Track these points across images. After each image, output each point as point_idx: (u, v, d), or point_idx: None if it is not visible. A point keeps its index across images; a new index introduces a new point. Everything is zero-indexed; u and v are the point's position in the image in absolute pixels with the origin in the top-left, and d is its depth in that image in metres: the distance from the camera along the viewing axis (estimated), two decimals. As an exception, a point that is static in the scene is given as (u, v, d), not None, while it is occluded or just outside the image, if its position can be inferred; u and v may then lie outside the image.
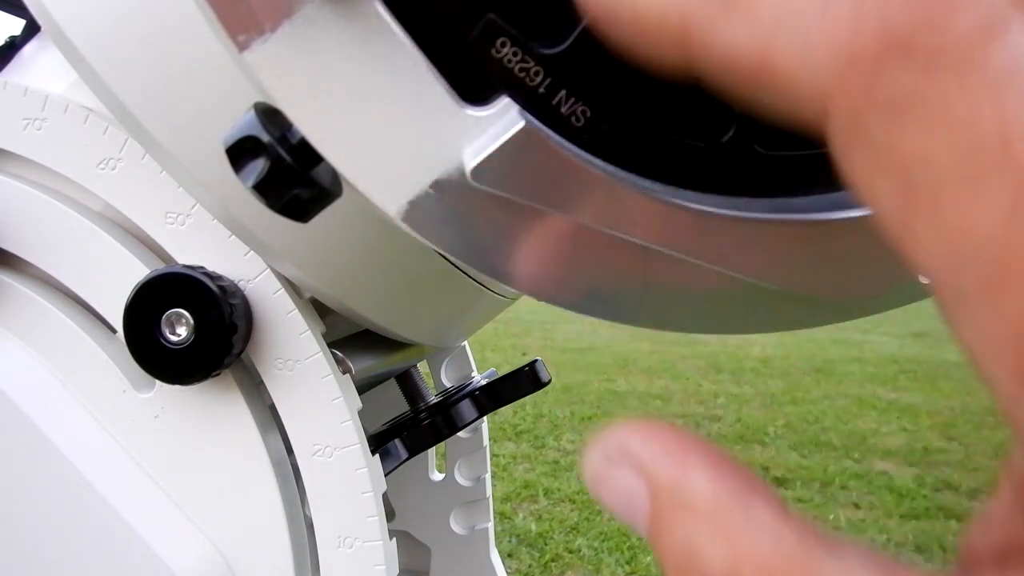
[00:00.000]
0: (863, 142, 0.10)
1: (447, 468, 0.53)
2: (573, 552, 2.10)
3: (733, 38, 0.11)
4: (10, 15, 0.40)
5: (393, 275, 0.33)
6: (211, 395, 0.30)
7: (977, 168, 0.09)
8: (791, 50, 0.11)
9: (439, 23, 0.17)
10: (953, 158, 0.09)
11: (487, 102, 0.17)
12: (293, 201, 0.19)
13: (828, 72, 0.10)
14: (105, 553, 0.30)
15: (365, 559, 0.30)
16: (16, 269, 0.31)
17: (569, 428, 3.15)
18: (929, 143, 0.09)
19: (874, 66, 0.10)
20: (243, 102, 0.19)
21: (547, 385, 0.45)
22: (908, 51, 0.10)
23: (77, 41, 0.27)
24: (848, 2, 0.10)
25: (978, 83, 0.09)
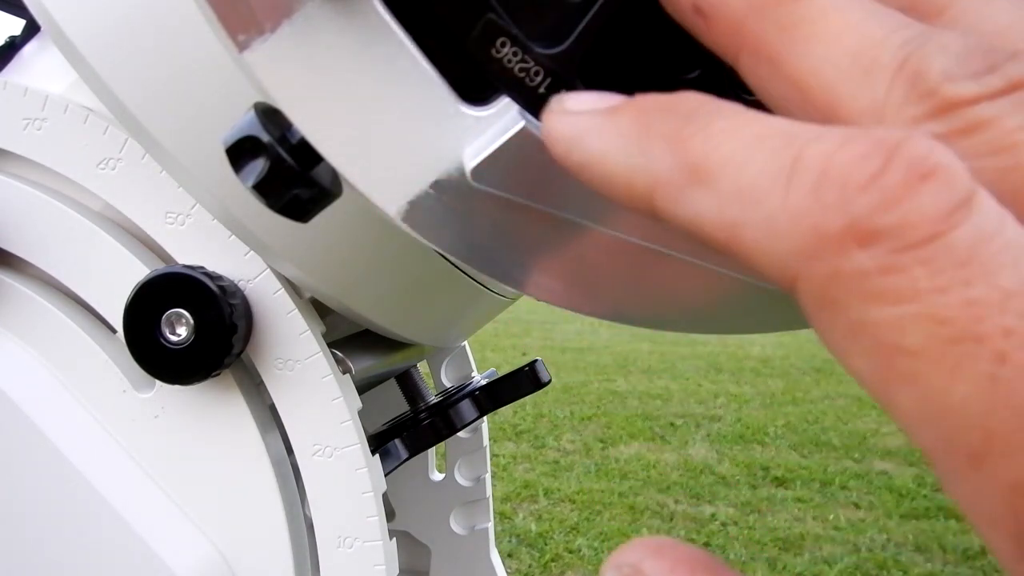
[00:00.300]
0: (833, 319, 0.10)
1: (447, 468, 0.53)
2: (573, 552, 2.10)
3: (698, 212, 0.12)
4: (10, 15, 0.40)
5: (393, 275, 0.33)
6: (211, 395, 0.30)
7: (951, 344, 0.09)
8: (756, 229, 0.11)
9: (439, 23, 0.17)
10: (927, 336, 0.10)
11: (487, 102, 0.17)
12: (293, 201, 0.19)
13: (794, 253, 0.10)
14: (105, 553, 0.30)
15: (365, 559, 0.30)
16: (16, 269, 0.31)
17: (569, 428, 3.15)
18: (902, 322, 0.10)
19: (840, 250, 0.10)
20: (243, 102, 0.19)
21: (547, 385, 0.45)
22: (873, 237, 0.10)
23: (77, 41, 0.27)
24: (809, 184, 0.10)
25: (944, 265, 0.10)
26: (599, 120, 0.13)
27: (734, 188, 0.11)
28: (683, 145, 0.12)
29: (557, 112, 0.14)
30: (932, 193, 0.10)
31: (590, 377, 4.09)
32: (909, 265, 0.10)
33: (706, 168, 0.12)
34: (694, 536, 2.21)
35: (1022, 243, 0.10)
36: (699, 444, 3.00)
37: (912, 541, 2.25)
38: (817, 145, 0.11)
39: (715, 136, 0.12)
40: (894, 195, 0.10)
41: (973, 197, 0.10)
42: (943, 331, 0.10)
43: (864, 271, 0.10)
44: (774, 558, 2.11)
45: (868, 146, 0.10)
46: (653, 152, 0.12)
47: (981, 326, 0.09)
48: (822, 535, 2.25)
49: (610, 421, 3.26)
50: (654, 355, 4.84)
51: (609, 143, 0.13)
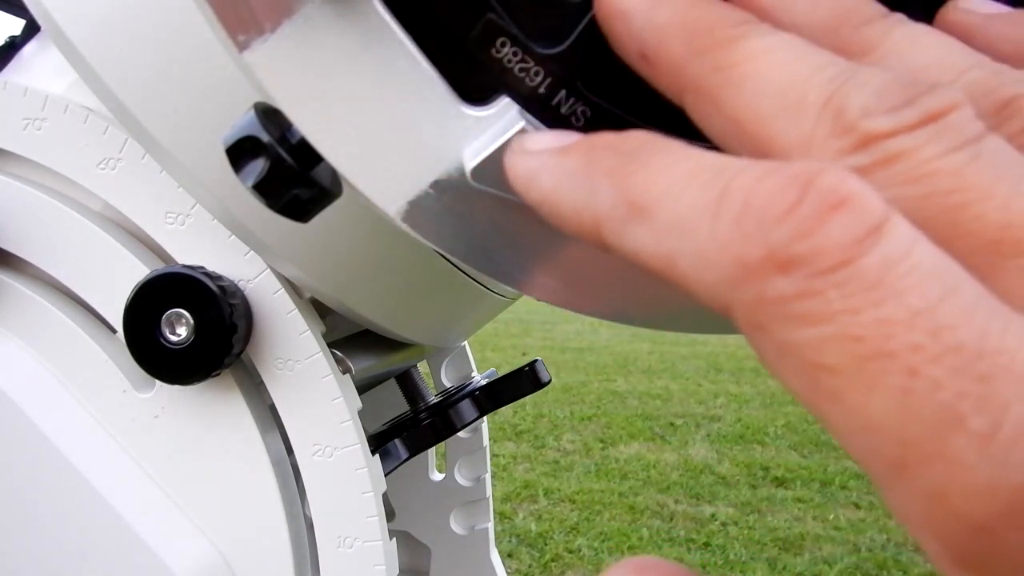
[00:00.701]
0: (764, 341, 0.11)
1: (447, 468, 0.53)
2: (573, 552, 2.10)
3: (638, 244, 0.13)
4: (10, 15, 0.40)
5: (393, 275, 0.33)
6: (211, 395, 0.30)
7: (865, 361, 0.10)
8: (689, 260, 0.12)
9: (439, 23, 0.17)
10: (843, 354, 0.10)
11: (487, 102, 0.17)
12: (293, 201, 0.19)
13: (723, 281, 0.11)
14: (105, 553, 0.30)
15: (365, 559, 0.30)
16: (16, 269, 0.31)
17: (569, 428, 3.15)
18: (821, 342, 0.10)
19: (761, 278, 0.11)
20: (243, 102, 0.19)
21: (547, 385, 0.45)
22: (790, 264, 0.11)
23: (77, 41, 0.27)
24: (732, 216, 0.11)
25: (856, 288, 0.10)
26: (551, 159, 0.15)
27: (668, 221, 0.12)
28: (624, 182, 0.13)
29: (517, 152, 0.16)
30: (842, 221, 0.10)
31: (590, 377, 4.09)
32: (824, 289, 0.10)
33: (644, 203, 0.12)
34: (694, 536, 2.21)
35: (930, 264, 0.10)
36: (699, 444, 3.00)
37: (912, 541, 2.24)
38: (741, 178, 0.11)
39: (652, 173, 0.13)
40: (808, 225, 0.11)
41: (884, 224, 0.10)
42: (858, 349, 0.10)
43: (784, 296, 0.11)
44: (774, 558, 2.11)
45: (785, 179, 0.11)
46: (597, 189, 0.13)
47: (892, 343, 0.10)
48: (822, 535, 2.25)
49: (610, 421, 3.26)
50: (654, 355, 4.84)
51: (559, 181, 0.14)
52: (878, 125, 0.12)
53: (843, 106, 0.12)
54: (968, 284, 0.10)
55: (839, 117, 0.12)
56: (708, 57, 0.14)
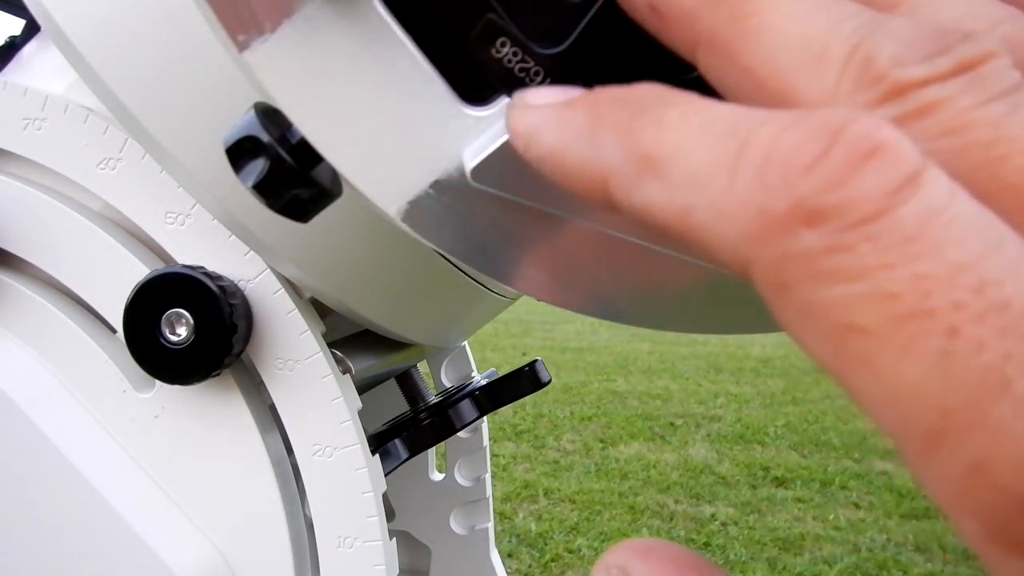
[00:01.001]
0: (786, 302, 0.10)
1: (447, 468, 0.53)
2: (573, 552, 2.10)
3: (650, 200, 0.12)
4: (10, 15, 0.40)
5: (393, 275, 0.33)
6: (211, 395, 0.30)
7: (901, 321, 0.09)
8: (706, 215, 0.11)
9: (439, 23, 0.17)
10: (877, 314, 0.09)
11: (487, 102, 0.17)
12: (293, 201, 0.19)
13: (744, 237, 0.10)
14: (105, 553, 0.30)
15: (365, 559, 0.30)
16: (16, 269, 0.31)
17: (569, 428, 3.15)
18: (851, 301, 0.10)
19: (786, 232, 0.10)
20: (243, 102, 0.19)
21: (547, 385, 0.45)
22: (818, 217, 0.10)
23: (77, 41, 0.27)
24: (753, 168, 0.10)
25: (891, 242, 0.09)
26: (554, 114, 0.14)
27: (683, 175, 0.11)
28: (633, 136, 0.12)
29: (518, 107, 0.15)
30: (877, 171, 0.10)
31: (590, 377, 4.09)
32: (856, 243, 0.10)
33: (656, 157, 0.12)
34: (694, 536, 2.21)
35: (972, 217, 0.10)
36: (699, 444, 3.00)
37: (912, 541, 2.25)
38: (762, 129, 0.11)
39: (665, 126, 0.12)
40: (838, 175, 0.10)
41: (921, 174, 0.10)
42: (893, 308, 0.09)
43: (811, 251, 0.10)
44: (774, 558, 2.11)
45: (812, 128, 0.10)
46: (605, 144, 0.12)
47: (931, 301, 0.09)
48: (822, 535, 2.25)
49: (610, 421, 3.26)
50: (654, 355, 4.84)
51: (563, 136, 0.13)
52: (910, 74, 0.11)
53: (871, 55, 0.11)
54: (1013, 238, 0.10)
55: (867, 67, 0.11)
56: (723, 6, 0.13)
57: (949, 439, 0.09)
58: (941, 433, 0.09)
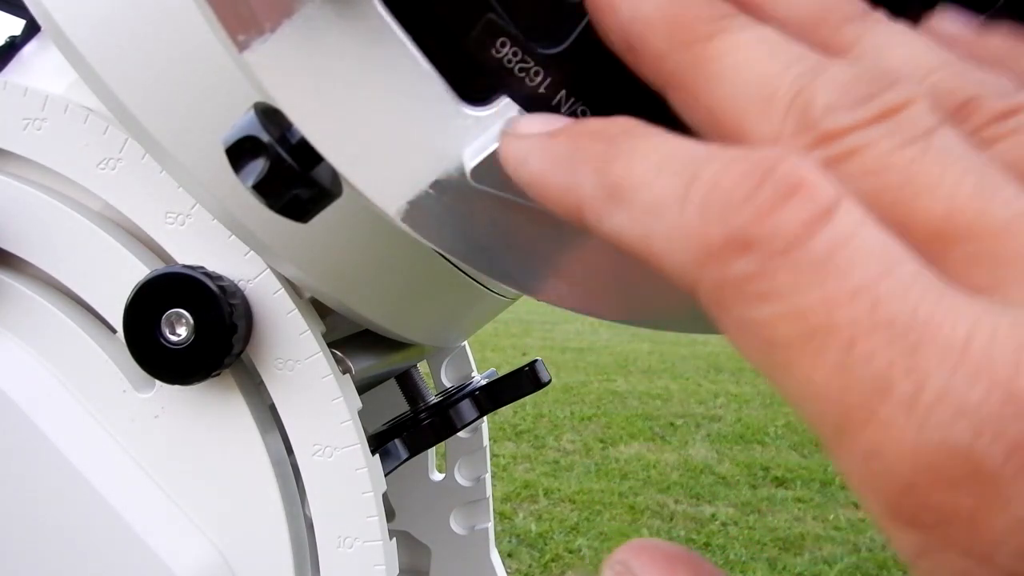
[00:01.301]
0: (726, 319, 0.12)
1: (447, 468, 0.53)
2: (573, 552, 2.10)
3: (617, 225, 0.14)
4: (10, 15, 0.40)
5: (393, 275, 0.33)
6: (211, 395, 0.30)
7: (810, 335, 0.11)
8: (662, 241, 0.13)
9: (439, 23, 0.17)
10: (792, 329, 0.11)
11: (487, 102, 0.17)
12: (293, 201, 0.19)
13: (691, 262, 0.12)
14: (105, 553, 0.30)
15: (365, 559, 0.30)
16: (16, 269, 0.31)
17: (569, 428, 3.15)
18: (774, 319, 0.11)
19: (723, 259, 0.12)
20: (243, 102, 0.19)
21: (547, 385, 0.45)
22: (747, 246, 0.12)
23: (77, 41, 0.27)
24: (700, 197, 0.12)
25: (804, 268, 0.11)
26: (540, 143, 0.16)
27: (644, 205, 0.13)
28: (604, 168, 0.14)
29: (509, 135, 0.16)
30: (795, 206, 0.11)
31: (590, 377, 4.09)
32: (777, 270, 0.11)
33: (622, 188, 0.13)
34: (694, 536, 2.21)
35: (872, 245, 0.11)
36: (699, 444, 3.00)
37: (912, 541, 2.24)
38: (709, 166, 0.12)
39: (631, 160, 0.14)
40: (764, 210, 0.12)
41: (834, 208, 0.11)
42: (804, 324, 0.11)
43: (742, 276, 0.12)
44: (774, 558, 2.11)
45: (749, 166, 0.12)
46: (580, 173, 0.14)
47: (833, 317, 0.11)
48: (822, 535, 2.25)
49: (610, 421, 3.26)
50: (654, 355, 4.84)
51: (546, 164, 0.15)
52: (837, 121, 0.13)
53: (808, 102, 0.13)
54: (908, 263, 0.11)
55: (804, 113, 0.13)
56: (688, 51, 0.15)
57: (849, 432, 0.11)
58: (844, 427, 0.11)
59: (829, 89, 0.13)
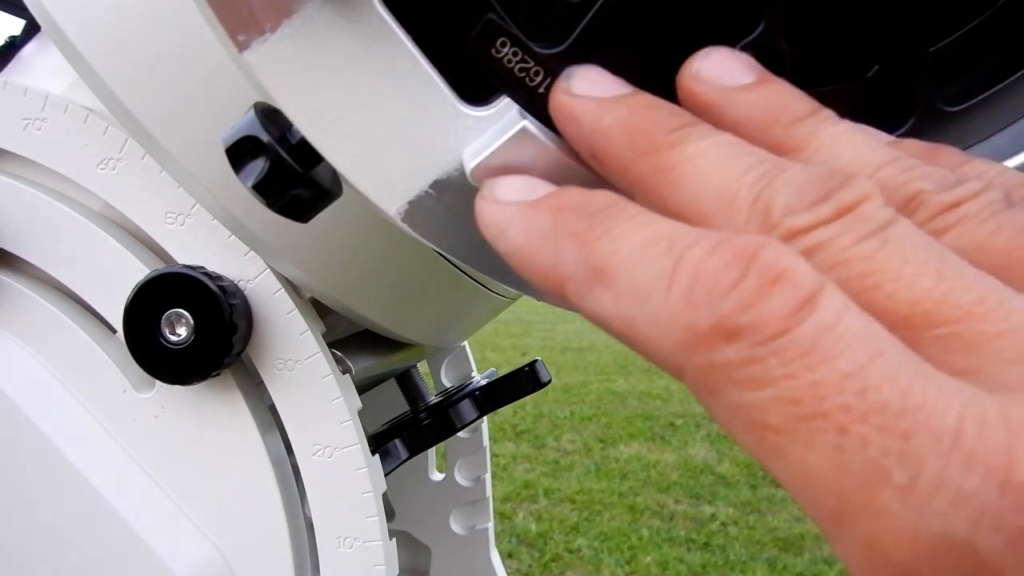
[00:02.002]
0: (715, 403, 0.12)
1: (447, 468, 0.53)
2: (573, 552, 2.10)
3: (600, 306, 0.14)
4: (10, 15, 0.40)
5: (393, 275, 0.33)
6: (211, 395, 0.30)
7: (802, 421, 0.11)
8: (646, 326, 0.13)
9: (439, 23, 0.17)
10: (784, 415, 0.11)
11: (487, 102, 0.17)
12: (293, 201, 0.19)
13: (677, 347, 0.12)
14: (105, 553, 0.30)
15: (365, 559, 0.30)
16: (16, 269, 0.31)
17: (569, 428, 3.15)
18: (764, 404, 0.12)
19: (710, 346, 0.12)
20: (243, 102, 0.19)
21: (547, 385, 0.45)
22: (735, 334, 0.12)
23: (77, 41, 0.27)
24: (684, 284, 0.12)
25: (793, 355, 0.11)
26: (520, 213, 0.15)
27: (627, 288, 0.13)
28: (587, 247, 0.14)
29: (488, 199, 0.16)
30: (780, 294, 0.12)
31: (590, 377, 4.09)
32: (766, 356, 0.12)
33: (605, 269, 0.14)
34: (694, 536, 2.21)
35: (858, 330, 0.11)
36: (699, 444, 3.00)
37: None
38: (693, 250, 0.13)
39: (614, 239, 0.14)
40: (750, 297, 0.12)
41: (817, 295, 0.12)
42: (795, 410, 0.11)
43: (731, 363, 0.12)
44: (774, 558, 2.11)
45: (732, 253, 0.12)
46: (563, 250, 0.14)
47: (824, 404, 0.11)
48: (822, 535, 2.25)
49: (610, 421, 3.26)
50: (654, 355, 4.84)
51: (527, 237, 0.15)
52: (798, 221, 0.13)
53: (768, 204, 0.14)
54: (893, 347, 0.11)
55: (766, 215, 0.14)
56: (649, 159, 0.15)
57: (846, 519, 0.11)
58: (841, 514, 0.11)
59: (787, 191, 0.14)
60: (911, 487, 0.10)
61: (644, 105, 0.16)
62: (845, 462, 0.11)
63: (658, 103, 0.16)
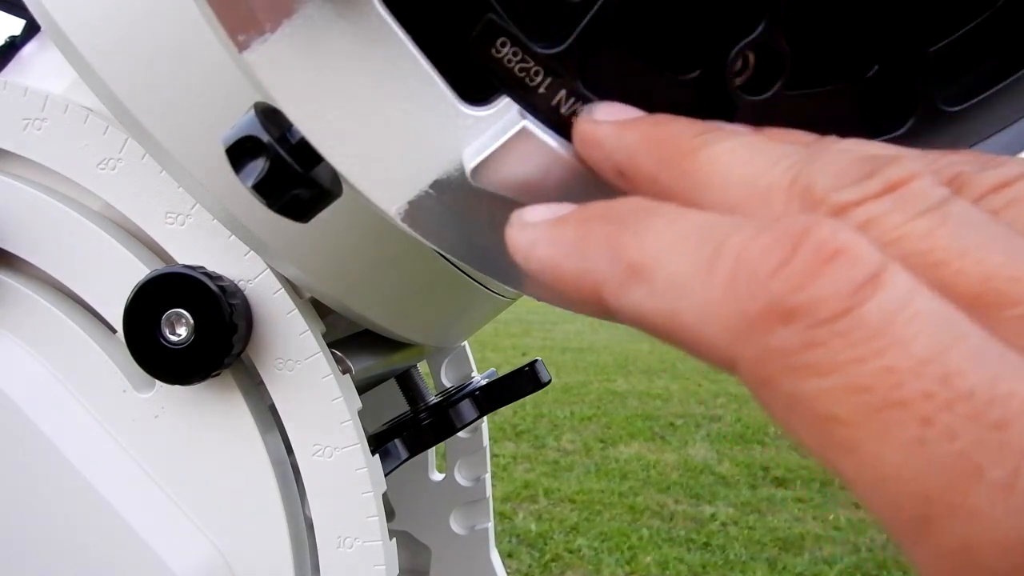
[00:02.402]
0: (771, 394, 0.11)
1: (447, 468, 0.53)
2: (573, 552, 2.10)
3: (639, 304, 0.13)
4: (10, 15, 0.40)
5: (393, 275, 0.33)
6: (211, 395, 0.30)
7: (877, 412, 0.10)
8: (691, 318, 0.12)
9: (439, 23, 0.17)
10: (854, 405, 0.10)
11: (487, 102, 0.17)
12: (293, 201, 0.19)
13: (727, 337, 0.11)
14: (105, 553, 0.30)
15: (365, 559, 0.30)
16: (16, 269, 0.31)
17: (569, 428, 3.15)
18: (830, 393, 0.10)
19: (764, 330, 0.11)
20: (243, 102, 0.19)
21: (547, 385, 0.45)
22: (790, 315, 0.11)
23: (77, 41, 0.27)
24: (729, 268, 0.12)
25: (859, 337, 0.10)
26: (548, 229, 0.15)
27: (666, 281, 0.12)
28: (620, 247, 0.13)
29: (516, 225, 0.16)
30: (838, 272, 0.11)
31: (590, 377, 4.09)
32: (827, 339, 0.10)
33: (641, 265, 0.13)
34: (694, 536, 2.21)
35: (932, 312, 0.10)
36: (699, 444, 3.00)
37: (912, 541, 2.24)
38: (734, 237, 0.12)
39: (647, 236, 0.13)
40: (803, 276, 0.11)
41: (882, 273, 0.11)
42: (867, 399, 0.10)
43: (789, 347, 0.11)
44: (774, 558, 2.11)
45: (778, 235, 0.11)
46: (594, 255, 0.14)
47: (901, 392, 0.10)
48: (822, 535, 2.25)
49: (610, 421, 3.26)
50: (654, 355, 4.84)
51: (557, 250, 0.15)
52: (845, 195, 0.12)
53: (808, 185, 0.13)
54: (973, 330, 0.10)
55: (807, 194, 0.13)
56: (676, 166, 0.15)
57: (935, 523, 0.10)
58: (927, 518, 0.10)
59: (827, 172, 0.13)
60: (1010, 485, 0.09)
61: (664, 120, 0.16)
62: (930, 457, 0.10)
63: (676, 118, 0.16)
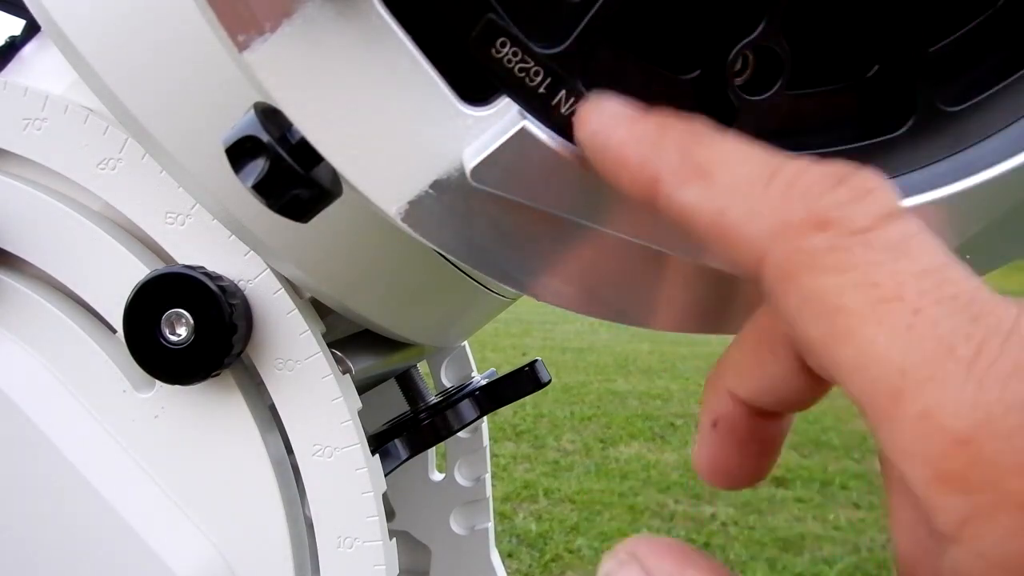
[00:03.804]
0: (790, 287, 0.13)
1: (447, 468, 0.53)
2: (573, 552, 2.10)
3: (692, 199, 0.15)
4: (10, 15, 0.40)
5: (393, 275, 0.33)
6: (211, 395, 0.30)
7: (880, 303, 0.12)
8: (738, 215, 0.14)
9: (439, 23, 0.17)
10: (862, 297, 0.12)
11: (487, 102, 0.17)
12: (293, 201, 0.19)
13: (766, 234, 0.14)
14: (105, 553, 0.30)
15: (365, 559, 0.30)
16: (16, 269, 0.31)
17: (569, 428, 3.15)
18: (843, 287, 0.13)
19: (800, 233, 0.13)
20: (243, 102, 0.19)
21: (547, 385, 0.45)
22: (826, 224, 0.13)
23: (77, 41, 0.27)
24: (784, 184, 0.14)
25: (880, 247, 0.13)
26: (628, 118, 0.16)
27: (727, 183, 0.14)
28: (691, 149, 0.15)
29: (594, 104, 0.17)
30: (871, 203, 0.13)
31: (590, 377, 4.09)
32: (852, 246, 0.13)
33: (707, 168, 0.15)
34: (694, 536, 2.21)
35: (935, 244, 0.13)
36: (699, 444, 3.00)
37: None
38: (792, 163, 0.14)
39: (716, 148, 0.15)
40: (844, 199, 0.13)
41: (903, 212, 0.13)
42: (874, 293, 0.12)
43: (817, 249, 0.13)
44: (774, 558, 2.11)
45: (827, 171, 0.14)
46: (665, 150, 0.15)
47: (903, 289, 0.12)
48: (822, 535, 2.25)
49: (610, 421, 3.26)
50: (654, 355, 4.84)
51: (631, 136, 0.16)
52: None
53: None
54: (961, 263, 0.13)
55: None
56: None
57: (905, 394, 0.12)
58: (900, 390, 0.12)
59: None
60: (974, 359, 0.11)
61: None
62: (913, 338, 0.12)
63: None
